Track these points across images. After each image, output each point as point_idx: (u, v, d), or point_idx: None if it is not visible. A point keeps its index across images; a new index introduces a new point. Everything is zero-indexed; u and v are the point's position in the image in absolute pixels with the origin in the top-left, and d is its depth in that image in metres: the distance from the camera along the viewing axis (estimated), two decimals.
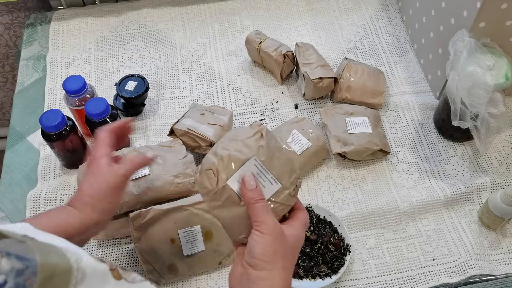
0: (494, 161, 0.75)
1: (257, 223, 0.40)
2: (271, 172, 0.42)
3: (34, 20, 0.96)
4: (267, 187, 0.42)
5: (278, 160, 0.43)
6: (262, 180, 0.41)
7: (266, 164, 0.42)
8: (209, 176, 0.41)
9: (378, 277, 0.64)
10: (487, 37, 0.67)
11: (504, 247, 0.66)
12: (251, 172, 0.41)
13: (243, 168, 0.41)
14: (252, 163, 0.41)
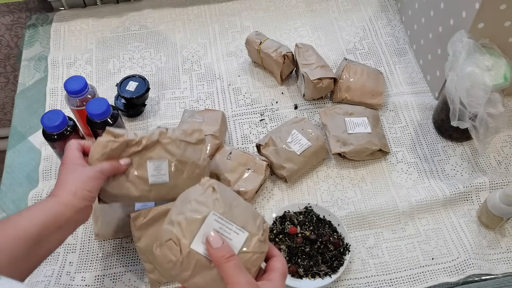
0: (493, 161, 0.75)
1: (230, 286, 0.38)
2: (234, 223, 0.41)
3: (36, 21, 0.96)
4: (234, 239, 0.40)
5: (238, 208, 0.42)
6: (227, 234, 0.40)
7: (227, 215, 0.41)
8: (170, 246, 0.40)
9: (377, 276, 0.64)
10: (486, 38, 0.67)
11: (503, 247, 0.66)
12: (213, 228, 0.40)
13: (204, 227, 0.40)
14: (212, 218, 0.40)
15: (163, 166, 0.56)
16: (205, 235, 0.39)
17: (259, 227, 0.42)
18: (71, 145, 0.55)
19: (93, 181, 0.51)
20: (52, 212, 0.48)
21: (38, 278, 0.64)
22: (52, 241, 0.48)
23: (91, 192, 0.51)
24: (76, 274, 0.64)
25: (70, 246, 0.67)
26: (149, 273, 0.62)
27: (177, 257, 0.39)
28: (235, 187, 0.68)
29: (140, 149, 0.55)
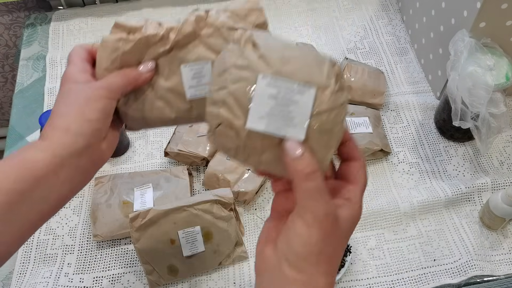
0: (495, 161, 0.74)
1: (303, 209, 0.29)
2: (292, 80, 0.30)
3: (34, 20, 0.95)
4: (300, 101, 0.30)
5: (293, 59, 0.31)
6: (289, 98, 0.30)
7: (281, 73, 0.30)
8: (223, 133, 0.31)
9: (379, 277, 0.63)
10: (488, 37, 0.67)
11: (505, 248, 0.66)
12: (268, 95, 0.30)
13: (256, 98, 0.30)
14: (262, 84, 0.30)
15: (205, 71, 0.39)
16: (261, 107, 0.30)
17: (329, 74, 0.31)
18: (73, 53, 0.38)
19: (94, 104, 0.35)
20: (32, 162, 0.33)
21: (36, 279, 0.63)
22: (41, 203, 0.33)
23: (93, 122, 0.35)
24: (75, 275, 0.64)
25: (68, 247, 0.67)
26: (148, 275, 0.61)
27: (236, 143, 0.31)
28: (235, 187, 0.67)
29: (169, 48, 0.38)
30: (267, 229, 0.33)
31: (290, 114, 0.30)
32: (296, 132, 0.30)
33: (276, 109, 0.30)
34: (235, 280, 0.64)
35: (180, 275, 0.62)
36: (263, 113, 0.30)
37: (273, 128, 0.30)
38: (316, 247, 0.29)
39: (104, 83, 0.36)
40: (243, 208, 0.70)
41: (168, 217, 0.60)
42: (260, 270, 0.31)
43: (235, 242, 0.64)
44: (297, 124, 0.30)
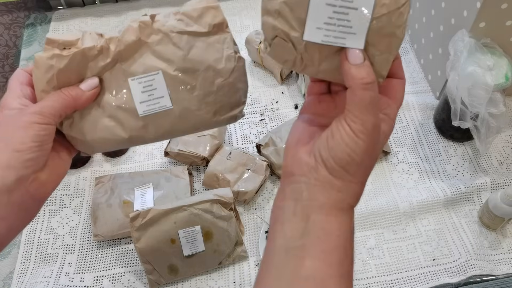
0: (494, 161, 0.75)
1: (353, 117, 0.28)
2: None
3: (34, 20, 0.95)
4: (359, 7, 0.28)
5: None
6: (347, 5, 0.28)
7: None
8: (280, 45, 0.30)
9: (378, 277, 0.64)
10: (487, 37, 0.67)
11: (504, 247, 0.66)
12: (327, 2, 0.28)
13: (313, 7, 0.28)
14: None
15: (157, 83, 0.35)
16: (318, 17, 0.28)
17: None
18: (12, 78, 0.35)
19: (23, 131, 0.31)
20: None
21: (37, 279, 0.63)
22: None
23: (23, 152, 0.31)
24: (75, 275, 0.64)
25: (69, 247, 0.67)
26: (148, 274, 0.62)
27: (293, 55, 0.30)
28: (235, 187, 0.67)
29: (111, 61, 0.35)
30: (298, 130, 0.33)
31: (349, 22, 0.28)
32: (356, 41, 0.28)
33: (334, 18, 0.28)
34: (235, 279, 0.64)
35: (180, 275, 0.62)
36: (321, 23, 0.28)
37: (332, 38, 0.29)
38: (359, 157, 0.29)
39: (37, 107, 0.33)
40: (243, 207, 0.70)
41: (168, 217, 0.61)
42: (292, 172, 0.31)
43: (235, 241, 0.64)
44: (356, 32, 0.28)
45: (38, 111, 0.32)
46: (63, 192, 0.71)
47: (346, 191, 0.30)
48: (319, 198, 0.30)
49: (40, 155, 0.32)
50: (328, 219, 0.30)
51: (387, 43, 0.29)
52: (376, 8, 0.28)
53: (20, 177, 0.31)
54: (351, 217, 0.31)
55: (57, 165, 0.35)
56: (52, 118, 0.33)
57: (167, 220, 0.61)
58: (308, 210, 0.30)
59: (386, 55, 0.30)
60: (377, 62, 0.30)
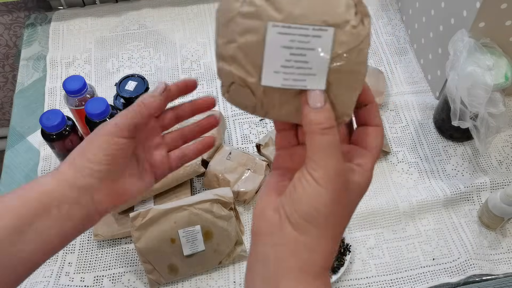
0: (493, 161, 0.75)
1: (314, 165, 0.27)
2: (307, 24, 0.26)
3: (34, 20, 0.96)
4: (318, 46, 0.26)
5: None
6: (305, 44, 0.26)
7: (293, 18, 0.26)
8: (238, 91, 0.29)
9: (378, 277, 0.64)
10: (487, 37, 0.67)
11: (504, 247, 0.66)
12: (282, 46, 0.26)
13: (269, 50, 0.27)
14: (273, 33, 0.26)
15: None
16: (275, 60, 0.27)
17: (348, 4, 0.27)
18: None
19: (96, 141, 0.33)
20: (39, 186, 0.33)
21: (37, 278, 0.63)
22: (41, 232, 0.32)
23: (93, 163, 0.33)
24: (75, 274, 0.64)
25: (69, 246, 0.67)
26: (148, 274, 0.62)
27: (253, 101, 0.28)
28: (235, 187, 0.67)
29: None
30: (267, 187, 0.31)
31: (308, 63, 0.27)
32: (316, 82, 0.27)
33: (292, 60, 0.27)
34: (235, 279, 0.64)
35: (180, 274, 0.62)
36: (278, 66, 0.27)
37: (291, 81, 0.27)
38: (325, 208, 0.26)
39: (112, 120, 0.34)
40: (243, 207, 0.70)
41: (168, 217, 0.61)
42: (258, 232, 0.29)
43: (235, 241, 0.64)
44: (316, 73, 0.27)
45: (113, 125, 0.34)
46: None
47: (316, 250, 0.27)
48: (287, 261, 0.27)
49: (110, 168, 0.33)
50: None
51: (349, 82, 0.28)
52: (335, 47, 0.26)
53: (88, 185, 0.33)
54: (326, 284, 0.27)
55: (133, 184, 0.36)
56: (126, 130, 0.33)
57: (167, 220, 0.61)
58: (277, 276, 0.27)
59: (350, 93, 0.28)
60: (341, 102, 0.28)
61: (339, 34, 0.26)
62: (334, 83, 0.27)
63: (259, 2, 0.27)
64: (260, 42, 0.27)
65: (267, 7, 0.26)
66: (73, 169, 0.33)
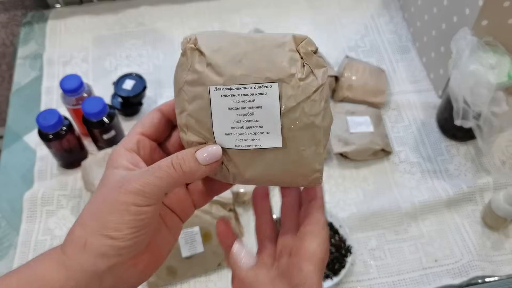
0: (497, 160, 0.74)
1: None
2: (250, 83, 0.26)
3: (31, 19, 0.94)
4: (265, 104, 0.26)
5: (246, 55, 0.26)
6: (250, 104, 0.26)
7: (234, 80, 0.26)
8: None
9: (380, 278, 0.63)
10: (490, 36, 0.66)
11: (507, 248, 0.65)
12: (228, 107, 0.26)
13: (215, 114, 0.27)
14: (217, 97, 0.26)
15: None
16: (223, 123, 0.27)
17: (292, 58, 0.26)
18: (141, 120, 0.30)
19: (118, 215, 0.26)
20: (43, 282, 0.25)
21: None
22: None
23: (117, 240, 0.26)
24: None
25: None
26: None
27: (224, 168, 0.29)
28: (234, 188, 0.66)
29: None
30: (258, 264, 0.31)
31: (258, 121, 0.26)
32: (271, 140, 0.27)
33: (241, 121, 0.27)
34: None
35: (179, 276, 0.62)
36: (228, 128, 0.27)
37: (243, 142, 0.27)
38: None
39: (137, 185, 0.26)
40: (242, 208, 0.69)
41: None
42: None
43: None
44: (269, 131, 0.26)
45: (138, 190, 0.26)
46: (60, 192, 0.71)
47: None
48: None
49: (138, 241, 0.26)
50: None
51: (308, 136, 0.27)
52: (283, 101, 0.26)
53: (113, 265, 0.26)
54: None
55: (163, 240, 0.29)
56: (154, 199, 0.26)
57: None
58: None
59: (313, 148, 0.27)
60: (306, 158, 0.27)
61: (285, 89, 0.26)
62: (291, 139, 0.27)
63: (200, 68, 0.27)
64: (207, 107, 0.27)
65: (208, 72, 0.27)
66: (89, 252, 0.25)
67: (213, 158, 0.27)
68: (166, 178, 0.26)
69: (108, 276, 0.26)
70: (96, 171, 0.64)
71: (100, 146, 0.72)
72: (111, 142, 0.70)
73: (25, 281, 0.25)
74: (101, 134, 0.69)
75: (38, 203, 0.69)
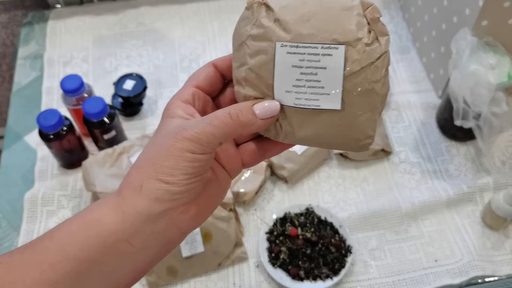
0: (497, 161, 0.74)
1: None
2: (316, 42, 0.26)
3: (32, 19, 0.95)
4: (330, 64, 0.26)
5: (314, 14, 0.26)
6: (315, 64, 0.26)
7: (301, 38, 0.26)
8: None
9: (380, 278, 0.63)
10: (490, 36, 0.66)
11: (507, 248, 0.65)
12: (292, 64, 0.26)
13: (279, 70, 0.27)
14: (282, 54, 0.26)
15: None
16: (285, 80, 0.27)
17: (359, 22, 0.26)
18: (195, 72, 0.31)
19: (174, 160, 0.26)
20: (100, 225, 0.26)
21: None
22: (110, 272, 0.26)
23: (171, 184, 0.26)
24: None
25: None
26: (147, 276, 0.61)
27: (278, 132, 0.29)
28: (234, 188, 0.66)
29: None
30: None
31: (320, 82, 0.26)
32: (330, 102, 0.27)
33: (303, 79, 0.26)
34: (234, 281, 0.63)
35: (179, 276, 0.62)
36: (289, 86, 0.27)
37: (303, 101, 0.27)
38: None
39: (192, 132, 0.26)
40: (242, 208, 0.69)
41: None
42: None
43: (235, 242, 0.63)
44: (330, 92, 0.26)
45: (194, 137, 0.26)
46: (60, 193, 0.71)
47: None
48: None
49: (191, 187, 0.27)
50: None
51: (367, 101, 0.27)
52: (347, 65, 0.26)
53: (166, 209, 0.27)
54: None
55: (214, 191, 0.30)
56: (210, 147, 0.27)
57: None
58: None
59: (369, 114, 0.27)
60: (361, 123, 0.27)
61: (350, 52, 0.26)
62: (350, 103, 0.27)
63: (267, 23, 0.27)
64: (270, 63, 0.27)
65: (275, 28, 0.26)
66: (144, 196, 0.26)
67: (270, 112, 0.27)
68: (222, 127, 0.26)
69: (161, 220, 0.27)
70: (97, 171, 0.64)
71: (100, 146, 0.72)
72: (112, 142, 0.70)
73: (84, 224, 0.26)
74: (101, 134, 0.69)
75: (38, 203, 0.69)
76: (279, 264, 0.62)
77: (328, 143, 0.29)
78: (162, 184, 0.26)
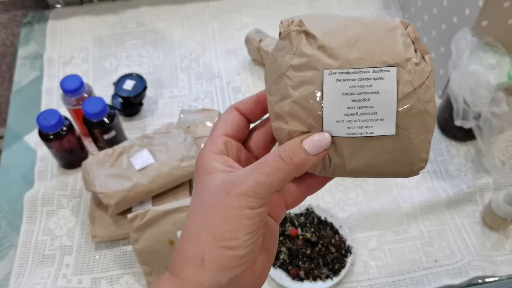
0: (497, 161, 0.74)
1: None
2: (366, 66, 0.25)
3: (32, 19, 0.95)
4: (382, 89, 0.25)
5: (359, 38, 0.25)
6: (367, 89, 0.25)
7: (349, 64, 0.25)
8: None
9: (380, 278, 0.63)
10: (490, 36, 0.66)
11: (507, 248, 0.65)
12: (342, 92, 0.25)
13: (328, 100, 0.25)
14: (331, 82, 0.25)
15: None
16: (336, 109, 0.25)
17: (405, 42, 0.25)
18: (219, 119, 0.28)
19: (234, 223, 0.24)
20: None
21: (34, 280, 0.63)
22: None
23: (236, 249, 0.24)
24: (73, 276, 0.63)
25: (66, 248, 0.66)
26: (147, 276, 0.61)
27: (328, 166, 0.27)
28: None
29: None
30: None
31: (373, 108, 0.25)
32: (385, 127, 0.25)
33: (355, 107, 0.25)
34: None
35: None
36: (340, 115, 0.25)
37: (355, 129, 0.26)
38: None
39: (247, 186, 0.24)
40: None
41: (167, 218, 0.60)
42: None
43: None
44: (384, 118, 0.25)
45: (249, 191, 0.24)
46: (60, 193, 0.71)
47: None
48: None
49: (255, 246, 0.25)
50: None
51: (421, 123, 0.26)
52: (399, 87, 0.25)
53: (234, 277, 0.24)
54: None
55: (269, 241, 0.27)
56: (267, 198, 0.24)
57: (166, 221, 0.60)
58: None
59: (423, 136, 0.26)
60: (415, 146, 0.26)
61: (402, 73, 0.25)
62: (404, 126, 0.26)
63: (310, 51, 0.25)
64: (317, 93, 0.25)
65: (321, 55, 0.25)
66: (208, 269, 0.24)
67: (322, 146, 0.25)
68: (277, 174, 0.24)
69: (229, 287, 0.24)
70: (97, 171, 0.64)
71: (100, 146, 0.72)
72: (112, 142, 0.70)
73: None
74: (101, 134, 0.69)
75: (38, 203, 0.69)
76: (279, 265, 0.62)
77: (380, 172, 0.27)
78: (226, 251, 0.24)
